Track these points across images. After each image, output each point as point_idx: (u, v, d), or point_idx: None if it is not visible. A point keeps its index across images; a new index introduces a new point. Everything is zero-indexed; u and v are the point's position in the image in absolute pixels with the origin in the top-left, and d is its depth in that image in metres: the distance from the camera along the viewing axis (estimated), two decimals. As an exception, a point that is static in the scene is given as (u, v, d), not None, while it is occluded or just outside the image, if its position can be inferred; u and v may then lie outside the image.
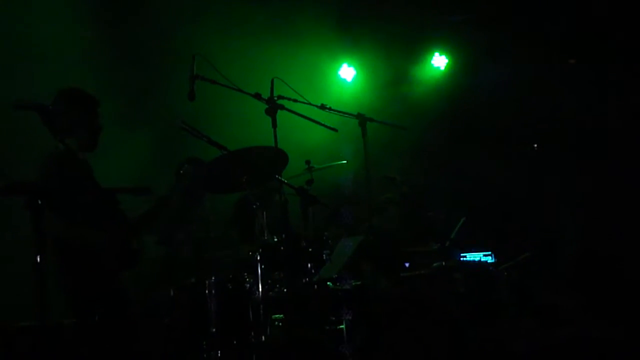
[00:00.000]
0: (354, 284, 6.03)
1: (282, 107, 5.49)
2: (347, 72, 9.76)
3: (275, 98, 5.49)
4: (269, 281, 5.73)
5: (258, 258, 5.46)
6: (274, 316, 5.66)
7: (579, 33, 8.89)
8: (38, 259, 3.65)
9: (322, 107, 5.75)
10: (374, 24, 9.16)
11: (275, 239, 5.94)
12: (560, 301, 6.99)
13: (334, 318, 5.78)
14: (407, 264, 7.32)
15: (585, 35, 8.84)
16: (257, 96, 5.48)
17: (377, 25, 9.20)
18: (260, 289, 5.44)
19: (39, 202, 3.69)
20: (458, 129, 9.78)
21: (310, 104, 5.70)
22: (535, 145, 9.54)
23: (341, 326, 5.74)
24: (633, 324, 6.37)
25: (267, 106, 5.43)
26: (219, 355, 5.36)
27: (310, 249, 5.95)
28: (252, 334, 5.46)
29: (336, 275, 5.98)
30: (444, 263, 6.96)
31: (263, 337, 5.42)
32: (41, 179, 4.88)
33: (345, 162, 7.20)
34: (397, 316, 6.35)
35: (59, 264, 4.91)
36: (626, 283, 7.20)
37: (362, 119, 5.82)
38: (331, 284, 5.96)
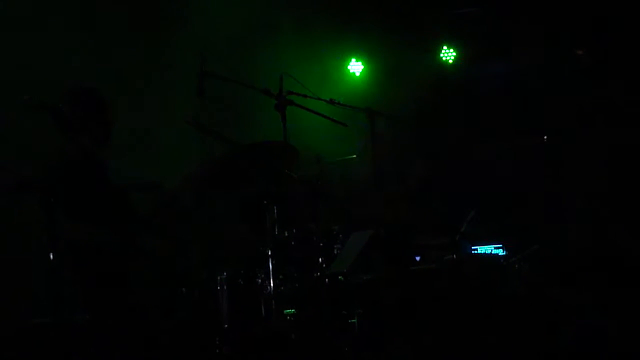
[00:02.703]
0: (365, 278, 6.03)
1: (292, 103, 5.51)
2: (355, 66, 9.73)
3: (285, 94, 5.50)
4: (280, 276, 5.73)
5: (269, 253, 5.46)
6: (285, 311, 5.67)
7: (587, 24, 8.87)
8: (51, 257, 3.66)
9: (331, 101, 5.78)
10: (381, 17, 9.14)
11: (286, 234, 5.95)
12: (569, 295, 6.96)
13: (345, 312, 5.78)
14: (417, 258, 7.30)
15: (593, 26, 8.81)
16: (266, 92, 5.49)
17: (385, 19, 9.18)
18: (271, 284, 5.45)
19: (52, 200, 3.70)
20: (468, 122, 9.75)
21: (319, 98, 5.72)
22: (546, 137, 9.51)
23: (353, 320, 5.74)
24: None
25: (276, 102, 5.45)
26: (231, 350, 5.37)
27: (321, 244, 5.95)
28: (264, 329, 5.48)
29: (347, 270, 5.98)
30: (454, 256, 6.94)
31: (275, 332, 5.43)
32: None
33: (354, 156, 7.20)
34: (408, 310, 6.34)
35: (68, 262, 4.93)
36: (636, 279, 7.14)
37: (370, 113, 5.82)
38: (342, 278, 5.96)
